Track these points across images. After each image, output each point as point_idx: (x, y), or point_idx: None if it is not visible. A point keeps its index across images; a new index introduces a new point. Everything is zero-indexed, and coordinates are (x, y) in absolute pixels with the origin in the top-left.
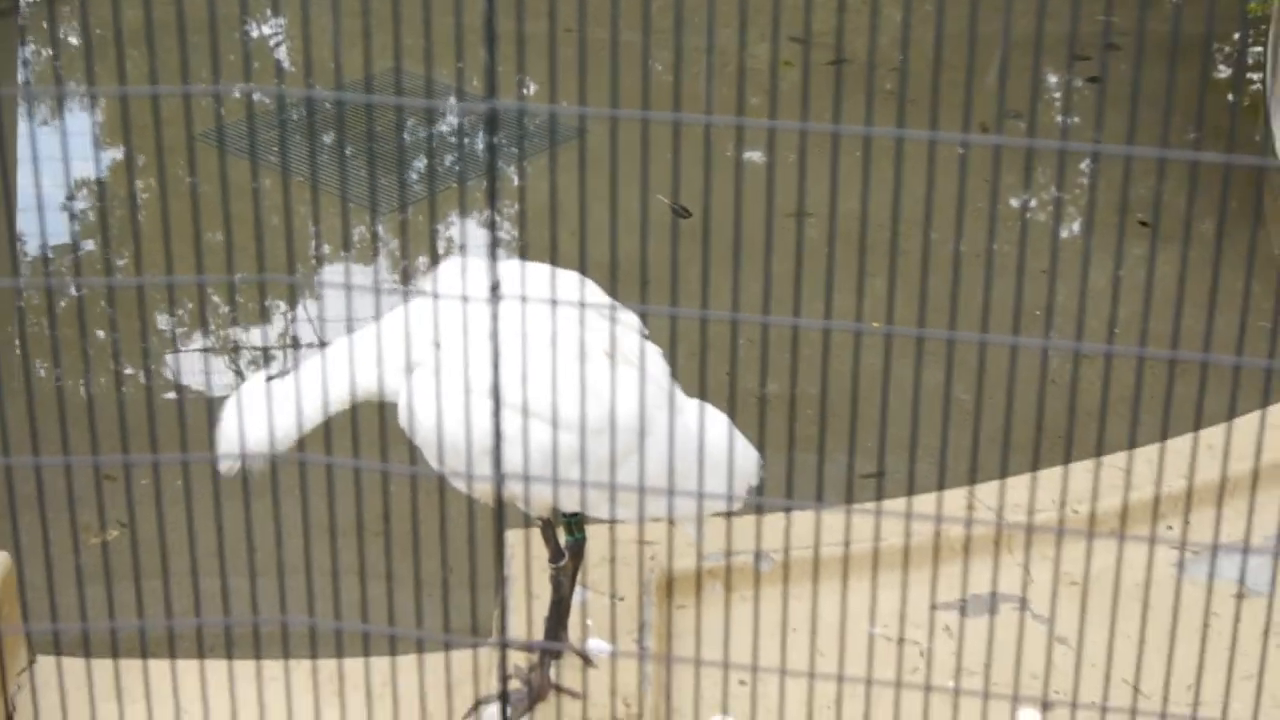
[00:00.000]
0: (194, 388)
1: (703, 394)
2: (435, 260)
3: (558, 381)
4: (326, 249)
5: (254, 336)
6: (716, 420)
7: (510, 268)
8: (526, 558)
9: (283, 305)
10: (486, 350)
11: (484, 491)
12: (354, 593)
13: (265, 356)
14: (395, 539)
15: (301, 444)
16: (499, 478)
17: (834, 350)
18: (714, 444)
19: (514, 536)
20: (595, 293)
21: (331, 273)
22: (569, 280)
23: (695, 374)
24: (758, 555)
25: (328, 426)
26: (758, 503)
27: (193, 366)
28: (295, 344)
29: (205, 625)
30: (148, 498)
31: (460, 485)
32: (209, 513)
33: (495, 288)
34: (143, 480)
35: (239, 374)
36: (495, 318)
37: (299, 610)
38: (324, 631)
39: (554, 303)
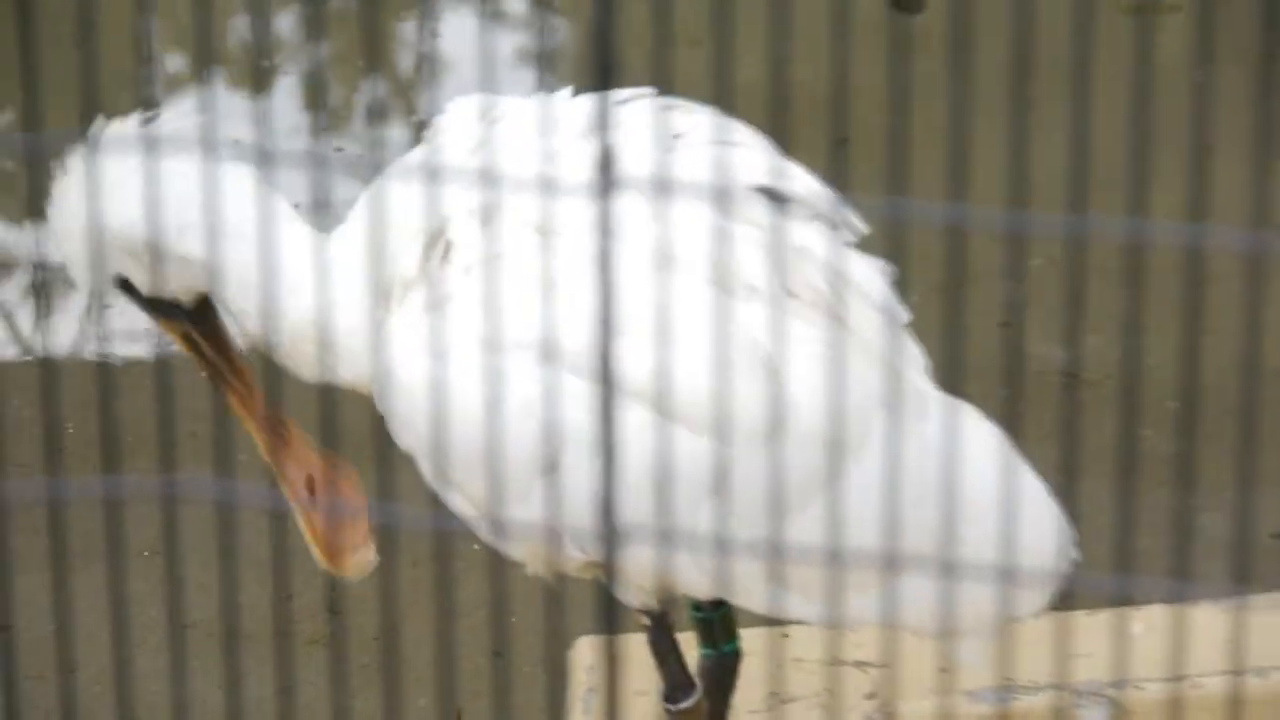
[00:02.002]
0: None
1: (954, 372)
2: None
3: (676, 340)
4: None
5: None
6: (984, 434)
7: (578, 108)
8: (613, 688)
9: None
10: (559, 275)
11: (532, 550)
12: None
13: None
14: (354, 649)
15: (172, 460)
16: (557, 519)
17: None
18: (980, 478)
19: (590, 648)
20: (765, 159)
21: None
22: (729, 134)
23: (936, 321)
24: (1083, 693)
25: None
26: (1071, 584)
27: None
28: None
29: None
30: None
31: (488, 533)
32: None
33: (606, 160)
34: None
35: (18, 338)
36: (606, 220)
37: None
38: None
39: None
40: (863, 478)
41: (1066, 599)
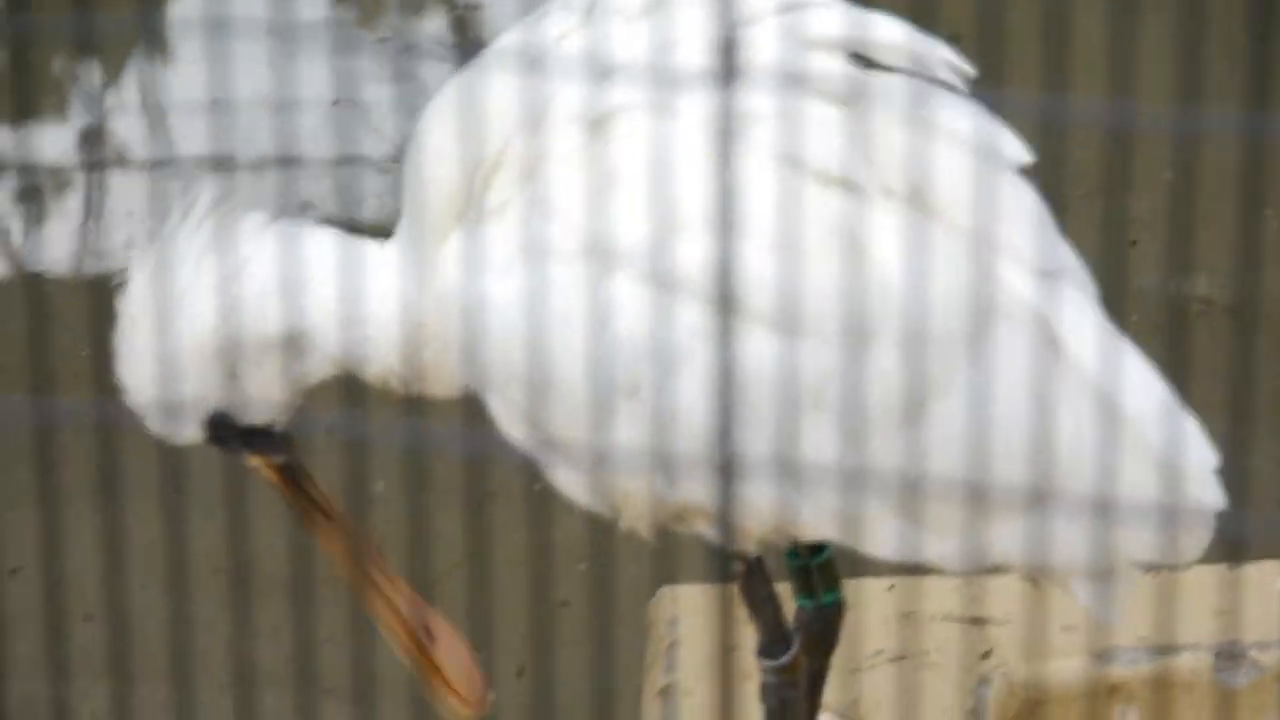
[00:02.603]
0: None
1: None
2: None
3: (789, 243)
4: None
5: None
6: (1135, 357)
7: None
8: (707, 643)
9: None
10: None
11: (632, 497)
12: None
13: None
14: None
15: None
16: (664, 451)
17: None
18: (1130, 398)
19: (672, 600)
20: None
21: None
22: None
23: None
24: (1223, 653)
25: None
26: (1222, 529)
27: None
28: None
29: None
30: None
31: (573, 483)
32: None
33: (728, 49)
34: None
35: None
36: (726, 114)
37: None
38: None
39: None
40: (1008, 395)
41: (1219, 547)
